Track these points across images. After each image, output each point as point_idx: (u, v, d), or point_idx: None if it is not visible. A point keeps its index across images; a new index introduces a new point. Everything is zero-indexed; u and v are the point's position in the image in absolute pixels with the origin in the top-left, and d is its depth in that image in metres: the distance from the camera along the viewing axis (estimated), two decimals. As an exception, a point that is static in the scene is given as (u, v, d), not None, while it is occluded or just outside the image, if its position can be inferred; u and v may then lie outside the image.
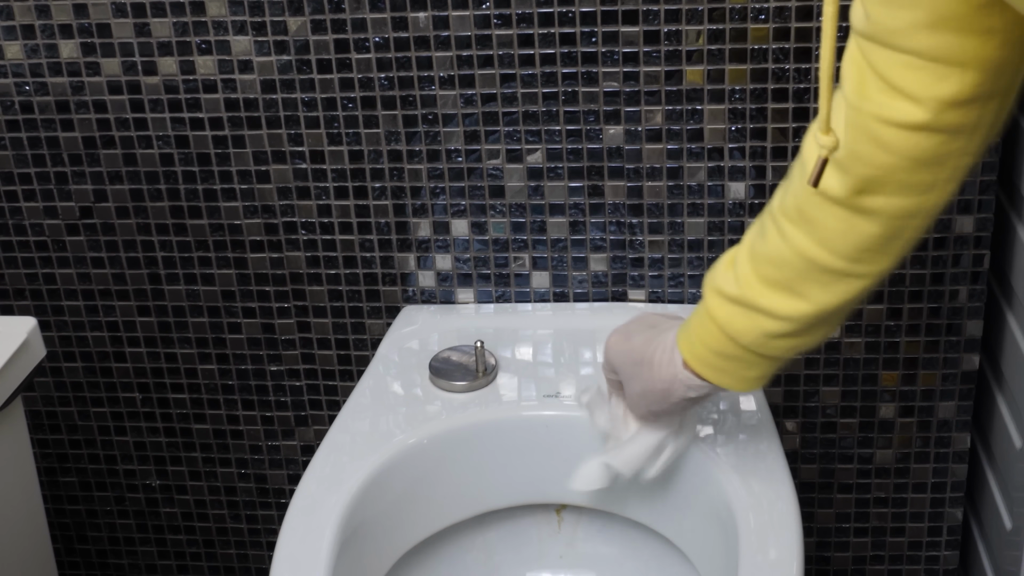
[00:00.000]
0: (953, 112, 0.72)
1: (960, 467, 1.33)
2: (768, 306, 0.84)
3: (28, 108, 1.24)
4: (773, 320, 0.84)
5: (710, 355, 0.88)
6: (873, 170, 0.76)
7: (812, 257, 0.81)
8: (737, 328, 0.86)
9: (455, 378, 1.14)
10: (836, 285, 0.82)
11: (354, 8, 1.16)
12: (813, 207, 0.79)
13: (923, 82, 0.71)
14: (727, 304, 0.86)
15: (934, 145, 0.74)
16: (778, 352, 0.87)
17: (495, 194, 1.23)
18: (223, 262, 1.29)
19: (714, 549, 1.03)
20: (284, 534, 0.97)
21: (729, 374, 0.89)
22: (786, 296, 0.83)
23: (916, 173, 0.76)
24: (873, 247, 0.80)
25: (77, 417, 1.40)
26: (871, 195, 0.77)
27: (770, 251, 0.83)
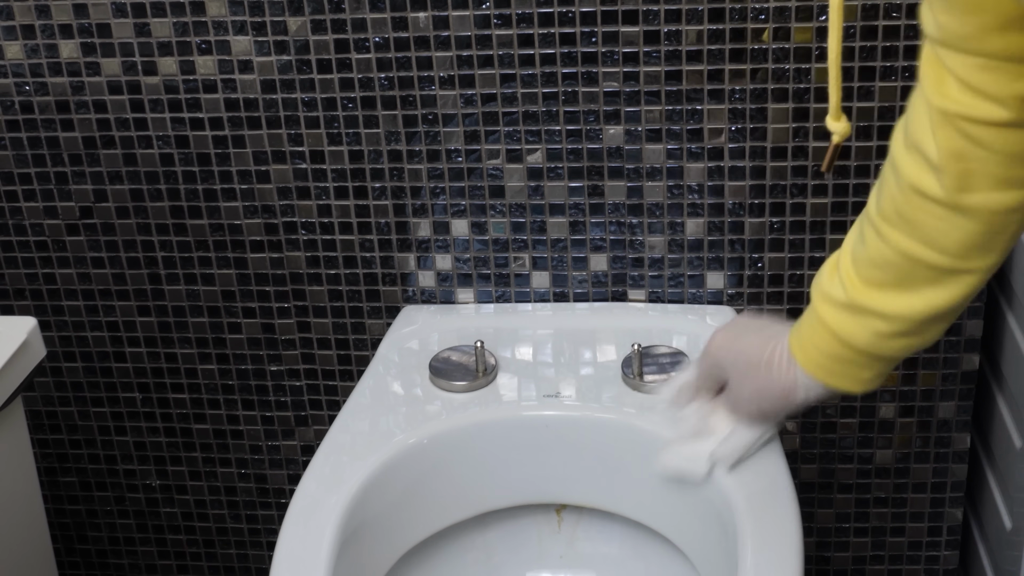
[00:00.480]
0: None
1: (960, 467, 1.33)
2: (878, 307, 0.84)
3: (28, 108, 1.24)
4: (885, 321, 0.84)
5: (825, 359, 0.89)
6: (969, 165, 0.76)
7: (917, 257, 0.81)
8: (849, 332, 0.86)
9: (455, 378, 1.14)
10: (945, 282, 0.82)
11: (354, 8, 1.16)
12: (913, 208, 0.79)
13: (1001, 82, 0.72)
14: (836, 309, 0.87)
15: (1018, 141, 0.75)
16: (893, 352, 0.87)
17: (495, 194, 1.23)
18: (223, 262, 1.29)
19: (714, 549, 1.03)
20: (284, 534, 0.97)
21: (845, 376, 0.89)
22: (895, 295, 0.83)
23: (1011, 168, 0.76)
24: (978, 243, 0.80)
25: (77, 417, 1.40)
26: (970, 192, 0.77)
27: (872, 254, 0.83)
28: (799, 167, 1.19)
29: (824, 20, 1.12)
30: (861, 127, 1.17)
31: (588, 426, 1.11)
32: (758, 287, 1.25)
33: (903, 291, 0.83)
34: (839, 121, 0.76)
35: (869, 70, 1.14)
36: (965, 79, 0.73)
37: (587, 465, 1.12)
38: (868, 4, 1.12)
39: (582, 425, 1.11)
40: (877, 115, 1.16)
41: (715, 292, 1.26)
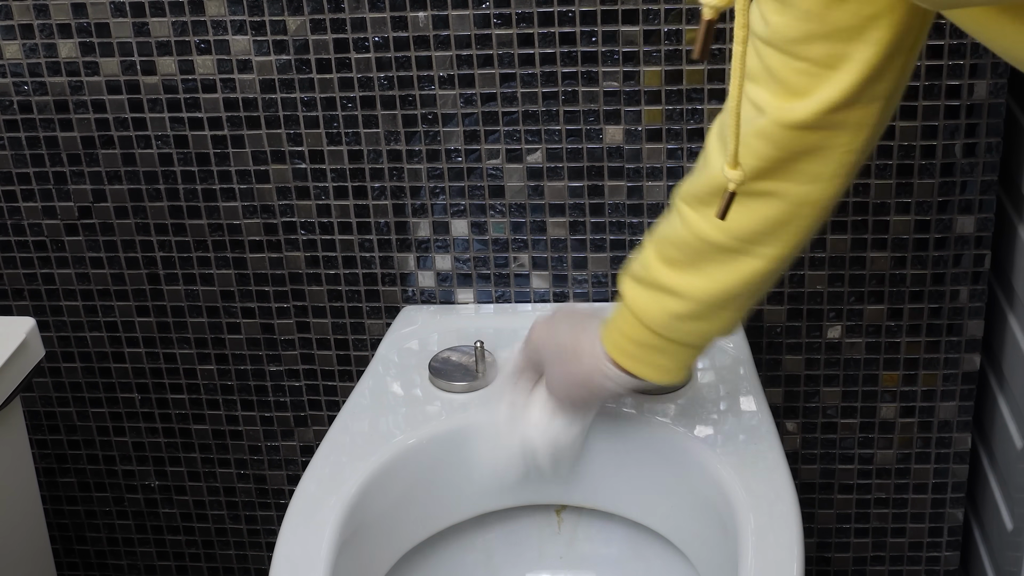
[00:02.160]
0: (838, 113, 0.78)
1: (961, 468, 1.33)
2: (670, 284, 0.88)
3: (27, 108, 1.24)
4: (676, 299, 0.88)
5: (626, 342, 0.92)
6: (761, 162, 0.81)
7: (706, 236, 0.85)
8: (644, 309, 0.90)
9: (455, 378, 1.14)
10: (731, 264, 0.86)
11: (353, 8, 1.16)
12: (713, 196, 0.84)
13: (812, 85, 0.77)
14: (635, 286, 0.91)
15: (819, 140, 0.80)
16: (686, 337, 0.91)
17: (495, 194, 1.23)
18: (222, 262, 1.29)
19: (714, 549, 1.03)
20: (284, 534, 0.97)
21: (644, 362, 0.93)
22: (685, 274, 0.87)
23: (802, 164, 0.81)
24: (766, 229, 0.84)
25: (76, 418, 1.40)
26: (762, 180, 0.82)
27: (669, 233, 0.89)
28: (799, 167, 1.19)
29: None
30: (861, 127, 1.17)
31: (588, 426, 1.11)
32: (758, 287, 1.25)
33: (693, 270, 0.87)
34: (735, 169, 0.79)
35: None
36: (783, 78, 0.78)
37: (587, 465, 1.12)
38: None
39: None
40: (877, 115, 1.16)
41: (715, 292, 1.26)
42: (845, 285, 1.24)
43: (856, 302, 1.25)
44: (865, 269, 1.23)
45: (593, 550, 1.20)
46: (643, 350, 0.92)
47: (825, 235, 1.22)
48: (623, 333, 0.92)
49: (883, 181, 1.19)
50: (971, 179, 1.18)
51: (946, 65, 1.13)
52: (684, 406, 1.10)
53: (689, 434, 1.07)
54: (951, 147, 1.17)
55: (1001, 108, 1.15)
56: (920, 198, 1.19)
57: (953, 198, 1.19)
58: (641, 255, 0.92)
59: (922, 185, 1.19)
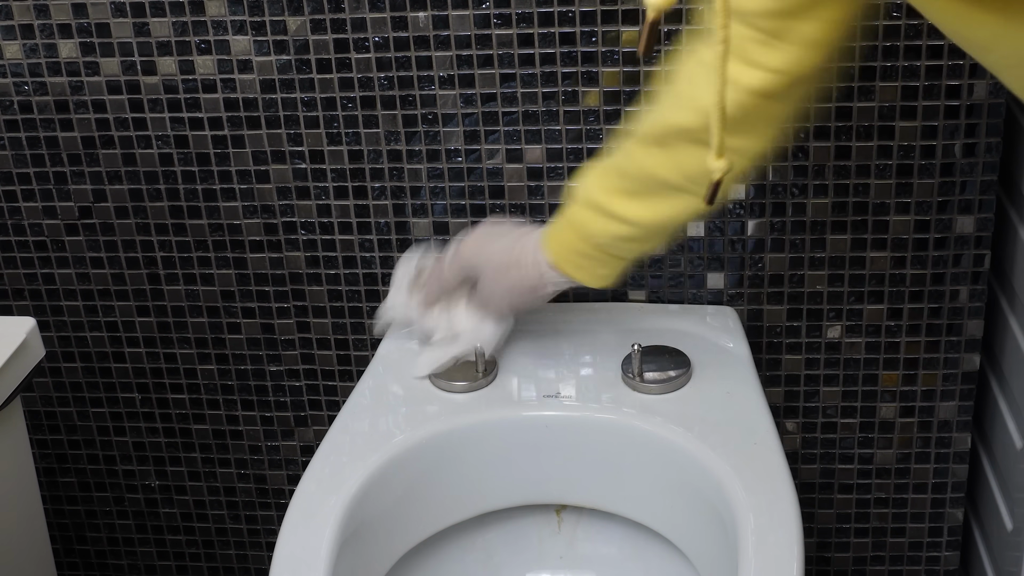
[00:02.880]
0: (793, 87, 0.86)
1: (961, 467, 1.33)
2: (620, 212, 0.97)
3: (27, 108, 1.24)
4: (622, 224, 0.98)
5: (570, 254, 1.02)
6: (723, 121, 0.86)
7: (662, 175, 0.94)
8: (592, 229, 0.99)
9: (455, 378, 1.14)
10: (675, 199, 0.95)
11: (354, 8, 1.16)
12: (673, 138, 0.91)
13: (768, 55, 0.84)
14: (589, 211, 0.99)
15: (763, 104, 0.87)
16: (626, 253, 1.01)
17: (495, 194, 1.23)
18: (223, 262, 1.29)
19: (714, 549, 1.03)
20: (284, 534, 0.97)
21: (586, 270, 1.03)
22: (633, 202, 0.96)
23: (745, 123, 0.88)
24: None
25: (76, 417, 1.40)
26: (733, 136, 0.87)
27: (621, 166, 0.97)
28: (799, 167, 1.19)
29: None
30: (861, 127, 1.17)
31: (588, 426, 1.11)
32: (758, 287, 1.25)
33: (641, 200, 0.96)
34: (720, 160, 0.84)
35: (869, 70, 1.14)
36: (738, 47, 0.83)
37: (587, 465, 1.12)
38: (868, 4, 1.12)
39: (582, 425, 1.11)
40: (877, 115, 1.16)
41: (715, 292, 1.26)
42: (845, 285, 1.24)
43: (856, 302, 1.25)
44: (865, 269, 1.23)
45: (593, 550, 1.20)
46: (586, 261, 1.02)
47: (825, 235, 1.22)
48: (567, 247, 1.02)
49: (883, 181, 1.19)
50: (971, 179, 1.18)
51: (946, 65, 1.13)
52: (684, 406, 1.10)
53: (689, 434, 1.07)
54: (951, 147, 1.17)
55: (1001, 108, 1.15)
56: (920, 198, 1.20)
57: (953, 198, 1.19)
58: (593, 183, 0.99)
59: (922, 185, 1.19)
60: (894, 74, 1.14)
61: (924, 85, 1.14)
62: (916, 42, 1.13)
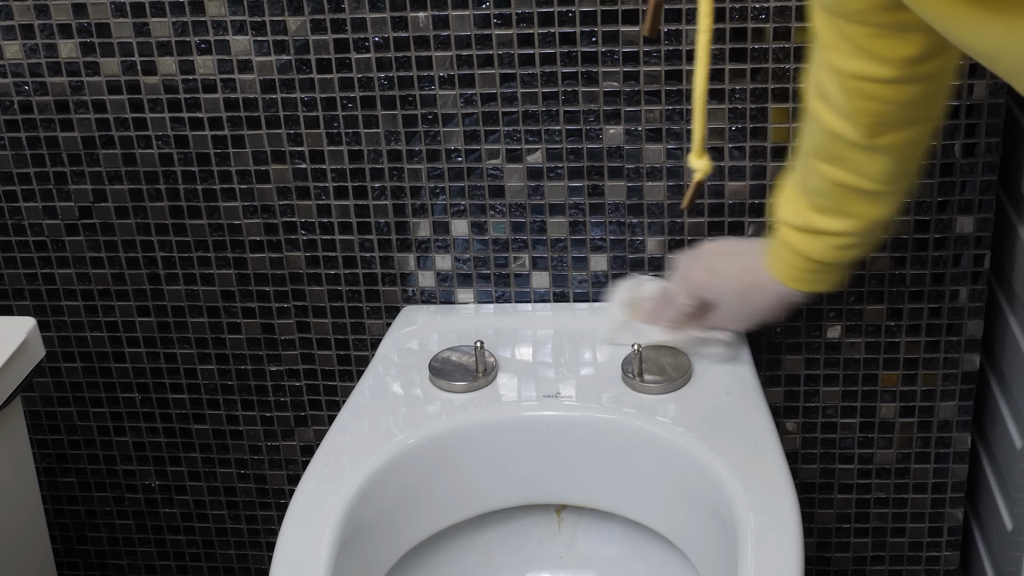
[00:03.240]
0: (919, 66, 0.88)
1: (960, 467, 1.33)
2: (829, 228, 1.01)
3: (27, 108, 1.24)
4: (837, 237, 1.01)
5: (797, 272, 1.06)
6: (873, 117, 0.91)
7: (851, 185, 0.97)
8: (811, 249, 1.03)
9: (455, 378, 1.14)
10: (875, 202, 0.99)
11: (354, 8, 1.16)
12: (838, 148, 0.95)
13: (889, 46, 0.86)
14: (798, 233, 1.03)
15: (914, 91, 0.90)
16: (850, 257, 1.04)
17: (495, 194, 1.23)
18: (223, 262, 1.29)
19: (714, 549, 1.03)
20: (284, 534, 0.97)
21: (816, 282, 1.06)
22: (840, 218, 1.00)
23: (908, 112, 0.92)
24: (894, 172, 0.96)
25: (76, 417, 1.40)
26: (881, 136, 0.93)
27: (813, 186, 0.99)
28: (799, 167, 1.19)
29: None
30: (861, 127, 1.17)
31: (588, 426, 1.11)
32: (758, 287, 1.25)
33: (845, 213, 0.99)
34: (701, 159, 0.89)
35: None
36: (859, 43, 0.87)
37: (587, 465, 1.12)
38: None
39: (582, 425, 1.11)
40: (877, 115, 1.16)
41: (715, 292, 1.26)
42: (845, 285, 1.24)
43: (856, 302, 1.25)
44: (865, 269, 1.23)
45: (593, 550, 1.20)
46: (814, 275, 1.05)
47: (825, 235, 1.22)
48: (793, 266, 1.05)
49: (883, 181, 1.19)
50: (971, 179, 1.18)
51: (946, 65, 1.13)
52: (684, 406, 1.10)
53: (689, 434, 1.07)
54: (951, 147, 1.17)
55: (1001, 108, 1.15)
56: (920, 198, 1.19)
57: (953, 198, 1.19)
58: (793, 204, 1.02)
59: (922, 185, 1.19)
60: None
61: (924, 85, 1.14)
62: (916, 42, 1.13)
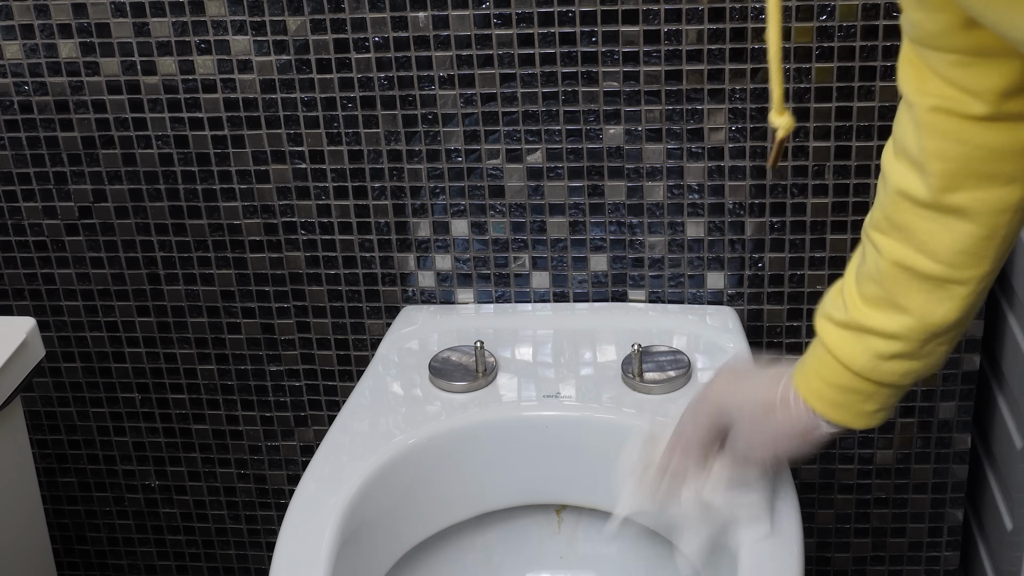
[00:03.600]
0: (1013, 101, 0.73)
1: (961, 468, 1.33)
2: (875, 325, 0.81)
3: (27, 108, 1.24)
4: (882, 340, 0.82)
5: (826, 388, 0.85)
6: (950, 163, 0.75)
7: (909, 265, 0.79)
8: (848, 353, 0.83)
9: (455, 378, 1.14)
10: (937, 293, 0.80)
11: (354, 8, 1.16)
12: (902, 212, 0.78)
13: (976, 76, 0.72)
14: (837, 330, 0.84)
15: (1004, 134, 0.74)
16: (893, 378, 0.83)
17: (495, 194, 1.23)
18: (223, 262, 1.29)
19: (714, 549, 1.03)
20: (284, 534, 0.97)
21: (846, 408, 0.85)
22: (891, 312, 0.81)
23: (993, 163, 0.75)
24: (968, 248, 0.78)
25: (76, 417, 1.40)
26: (954, 192, 0.76)
27: (869, 269, 0.82)
28: (799, 167, 1.19)
29: (825, 19, 1.12)
30: (861, 127, 1.17)
31: (588, 426, 1.11)
32: (758, 287, 1.25)
33: (898, 307, 0.81)
34: (783, 116, 0.77)
35: (869, 70, 1.14)
36: (943, 74, 0.73)
37: (587, 465, 1.12)
38: (868, 4, 1.12)
39: (582, 425, 1.11)
40: (877, 115, 1.16)
41: (715, 292, 1.26)
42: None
43: (856, 302, 1.25)
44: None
45: (593, 550, 1.20)
46: (846, 395, 0.84)
47: (825, 235, 1.22)
48: (822, 377, 0.85)
49: (883, 181, 1.19)
50: (971, 179, 1.18)
51: (946, 65, 1.13)
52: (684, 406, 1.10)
53: (689, 434, 1.06)
54: (951, 147, 1.17)
55: (1001, 108, 1.15)
56: (920, 198, 1.19)
57: None
58: (842, 295, 0.84)
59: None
60: (894, 74, 1.14)
61: (924, 85, 1.14)
62: (916, 42, 1.13)
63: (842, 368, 0.83)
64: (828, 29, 1.13)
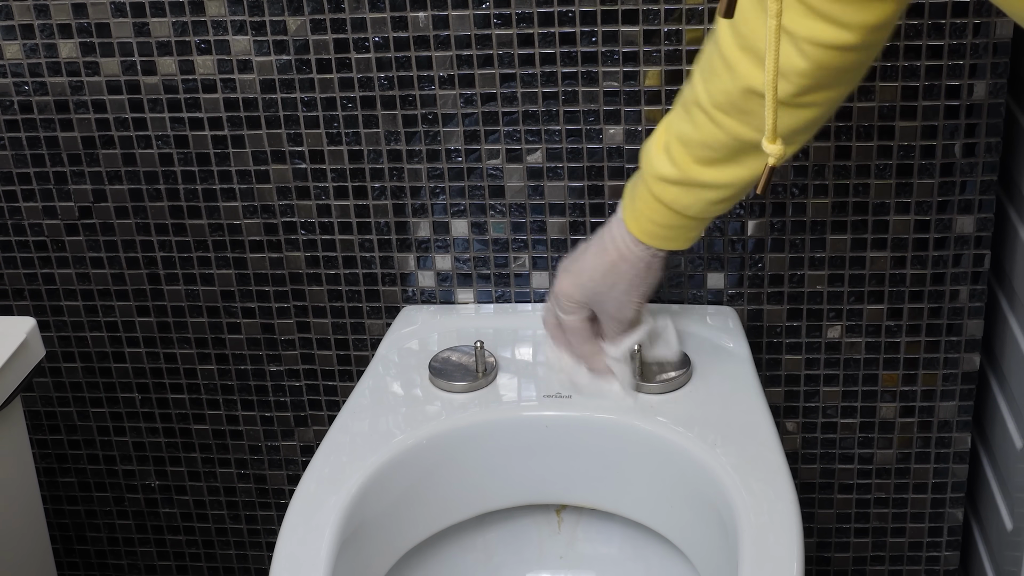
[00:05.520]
0: (874, 33, 0.86)
1: (960, 467, 1.33)
2: (710, 180, 0.97)
3: (27, 108, 1.24)
4: (715, 190, 0.97)
5: (660, 229, 1.01)
6: (808, 80, 0.88)
7: (749, 139, 0.92)
8: (683, 204, 0.99)
9: (455, 378, 1.14)
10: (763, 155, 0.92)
11: (354, 8, 1.16)
12: (754, 105, 0.90)
13: (849, 12, 0.84)
14: (671, 186, 0.98)
15: (857, 58, 0.88)
16: (717, 213, 1.01)
17: (495, 194, 1.23)
18: (223, 262, 1.29)
19: (714, 549, 1.03)
20: (284, 534, 0.97)
21: (677, 240, 1.02)
22: (725, 168, 0.96)
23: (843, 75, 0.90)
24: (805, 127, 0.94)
25: (76, 417, 1.40)
26: (808, 94, 0.90)
27: (704, 137, 0.95)
28: (799, 167, 1.19)
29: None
30: (862, 127, 1.17)
31: (588, 426, 1.11)
32: (758, 287, 1.25)
33: (732, 164, 0.95)
34: (774, 144, 0.84)
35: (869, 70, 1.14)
36: (816, 7, 0.84)
37: (587, 465, 1.12)
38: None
39: (582, 425, 1.11)
40: (877, 115, 1.16)
41: (715, 292, 1.26)
42: (845, 285, 1.24)
43: (856, 302, 1.25)
44: (865, 269, 1.23)
45: (593, 550, 1.20)
46: (677, 231, 1.01)
47: (825, 235, 1.22)
48: (657, 223, 1.00)
49: (883, 181, 1.19)
50: (971, 179, 1.18)
51: (946, 65, 1.13)
52: (684, 406, 1.10)
53: (689, 434, 1.07)
54: (951, 147, 1.17)
55: (1001, 108, 1.15)
56: (920, 198, 1.19)
57: (953, 198, 1.19)
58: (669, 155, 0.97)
59: (922, 185, 1.19)
60: (894, 74, 1.14)
61: (924, 85, 1.14)
62: (916, 42, 1.13)
63: (677, 215, 0.99)
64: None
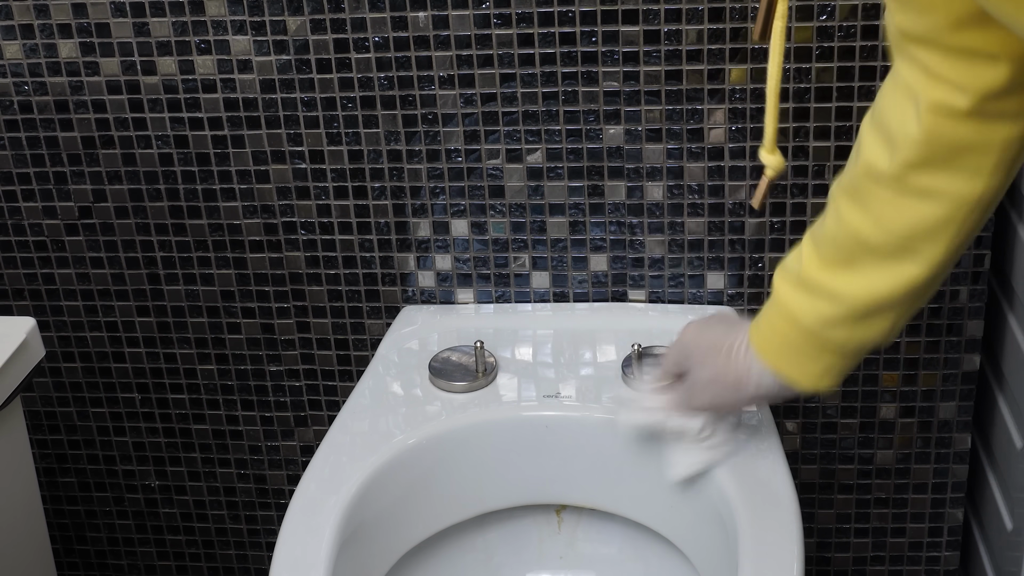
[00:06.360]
0: (994, 101, 0.75)
1: (961, 467, 1.33)
2: (826, 284, 0.85)
3: (27, 108, 1.24)
4: (830, 301, 0.85)
5: (775, 338, 0.89)
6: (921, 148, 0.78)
7: (864, 234, 0.82)
8: (797, 308, 0.87)
9: (455, 378, 1.14)
10: (887, 266, 0.83)
11: (354, 8, 1.16)
12: (867, 183, 0.81)
13: (962, 72, 0.75)
14: (790, 284, 0.88)
15: (975, 131, 0.77)
16: (838, 341, 0.87)
17: (495, 194, 1.23)
18: (222, 262, 1.29)
19: (714, 549, 1.03)
20: (284, 534, 0.97)
21: (793, 363, 0.89)
22: (841, 273, 0.84)
23: (961, 157, 0.78)
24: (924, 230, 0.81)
25: (76, 417, 1.40)
26: (918, 173, 0.79)
27: (828, 230, 0.85)
28: (799, 167, 1.19)
29: (824, 19, 1.12)
30: (861, 127, 1.17)
31: (588, 426, 1.11)
32: (758, 287, 1.25)
33: (848, 269, 0.84)
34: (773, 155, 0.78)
35: (869, 70, 1.14)
36: (929, 67, 0.76)
37: (587, 465, 1.12)
38: (868, 4, 1.12)
39: (582, 425, 1.11)
40: (877, 115, 1.16)
41: (715, 292, 1.26)
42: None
43: (856, 302, 1.25)
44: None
45: (593, 550, 1.20)
46: (793, 351, 0.88)
47: (825, 235, 1.22)
48: (773, 328, 0.89)
49: (883, 181, 1.19)
50: (971, 179, 1.18)
51: (946, 65, 1.13)
52: (684, 406, 1.10)
53: (689, 434, 1.06)
54: (951, 147, 1.17)
55: (1001, 108, 1.15)
56: (920, 198, 1.19)
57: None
58: (800, 251, 0.89)
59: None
60: (894, 74, 1.14)
61: (924, 85, 1.14)
62: (916, 42, 1.13)
63: (791, 322, 0.87)
64: (828, 29, 1.13)
